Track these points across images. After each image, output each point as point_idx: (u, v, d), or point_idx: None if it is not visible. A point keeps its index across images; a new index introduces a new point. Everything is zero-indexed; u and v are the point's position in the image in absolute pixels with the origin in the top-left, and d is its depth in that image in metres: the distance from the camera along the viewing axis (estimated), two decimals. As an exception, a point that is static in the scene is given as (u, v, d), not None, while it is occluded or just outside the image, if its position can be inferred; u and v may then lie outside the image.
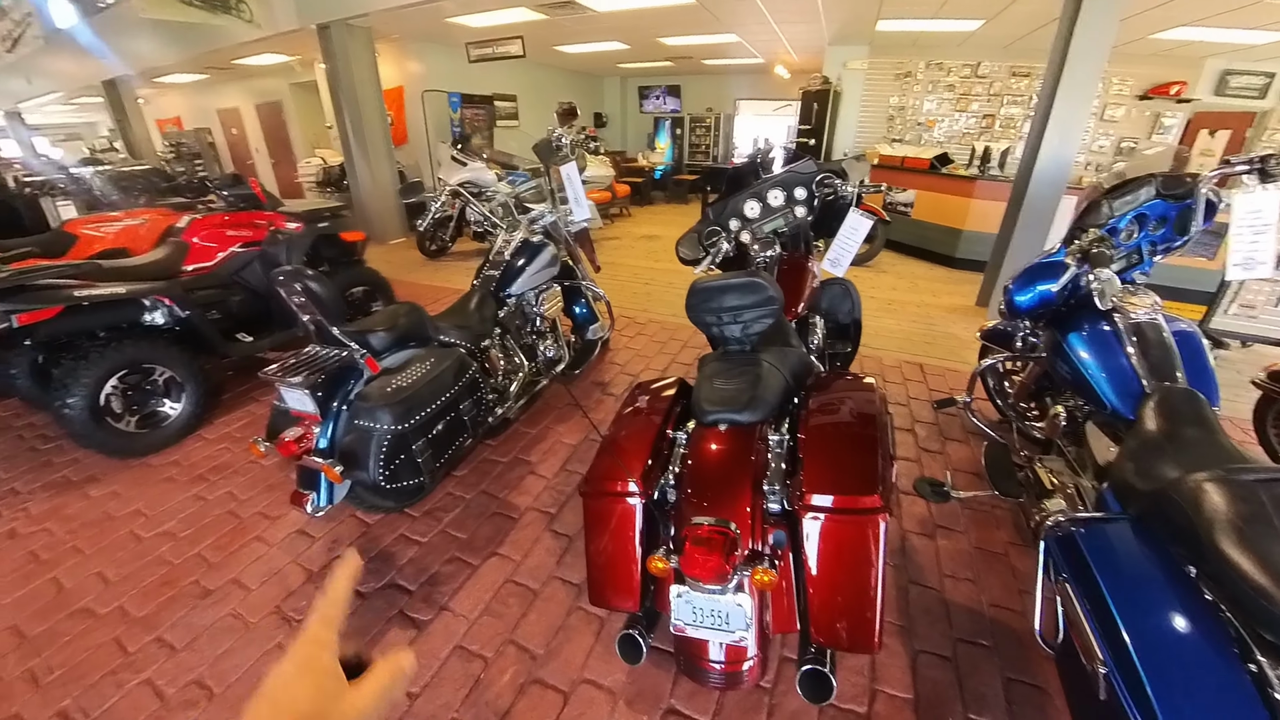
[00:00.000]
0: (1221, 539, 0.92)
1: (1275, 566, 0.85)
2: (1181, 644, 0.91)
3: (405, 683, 0.45)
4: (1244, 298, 4.52)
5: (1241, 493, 0.98)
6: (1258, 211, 1.72)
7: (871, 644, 1.15)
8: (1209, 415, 1.37)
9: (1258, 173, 1.69)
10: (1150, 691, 0.85)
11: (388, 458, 1.75)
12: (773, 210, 2.40)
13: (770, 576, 1.14)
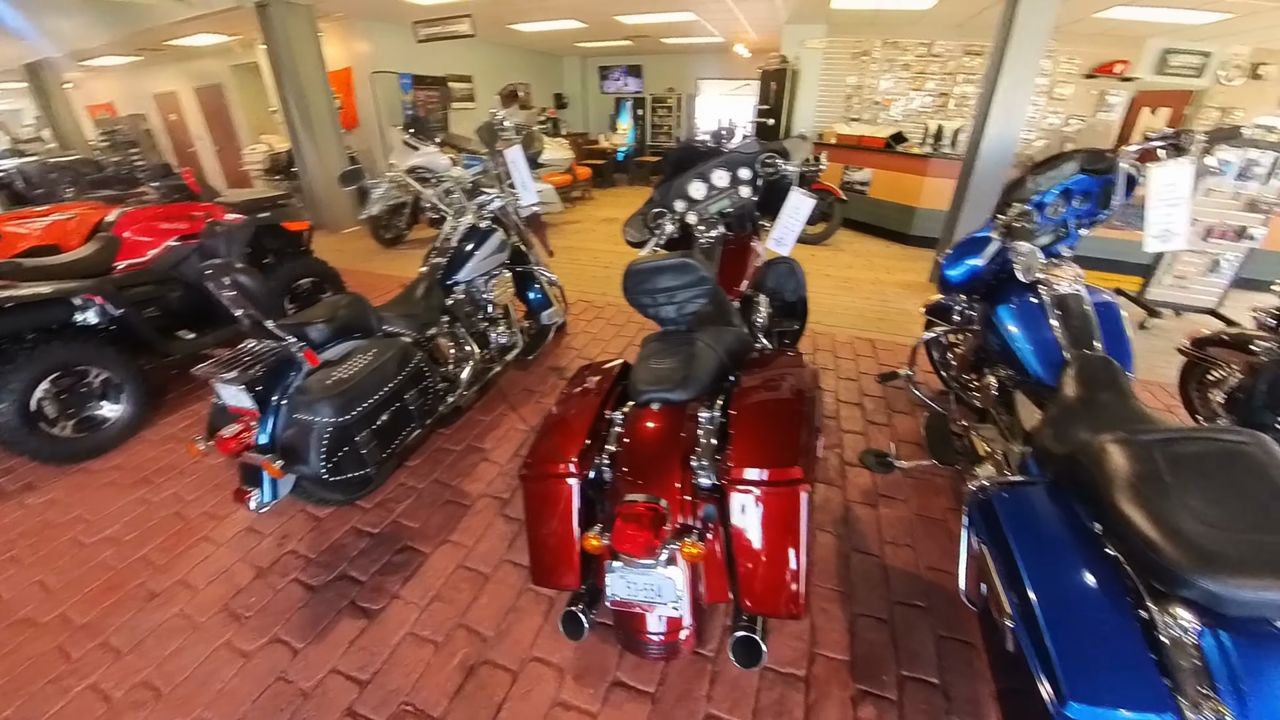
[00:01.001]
0: (1118, 496, 0.99)
1: (1163, 520, 0.91)
2: (1079, 596, 0.97)
3: None
4: (1177, 269, 4.76)
5: (1138, 453, 1.05)
6: (1172, 184, 1.78)
7: (798, 609, 1.21)
8: (1123, 381, 1.45)
9: (1171, 147, 1.77)
10: (1049, 640, 0.91)
11: (330, 450, 1.74)
12: (718, 191, 2.42)
13: (698, 549, 1.19)
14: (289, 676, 1.57)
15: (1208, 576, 0.83)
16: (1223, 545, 0.86)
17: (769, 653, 1.58)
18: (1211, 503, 0.93)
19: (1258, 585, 0.80)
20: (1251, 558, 0.83)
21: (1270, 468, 0.97)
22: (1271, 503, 0.91)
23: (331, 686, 1.54)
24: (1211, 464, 1.00)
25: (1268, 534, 0.86)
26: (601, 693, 1.48)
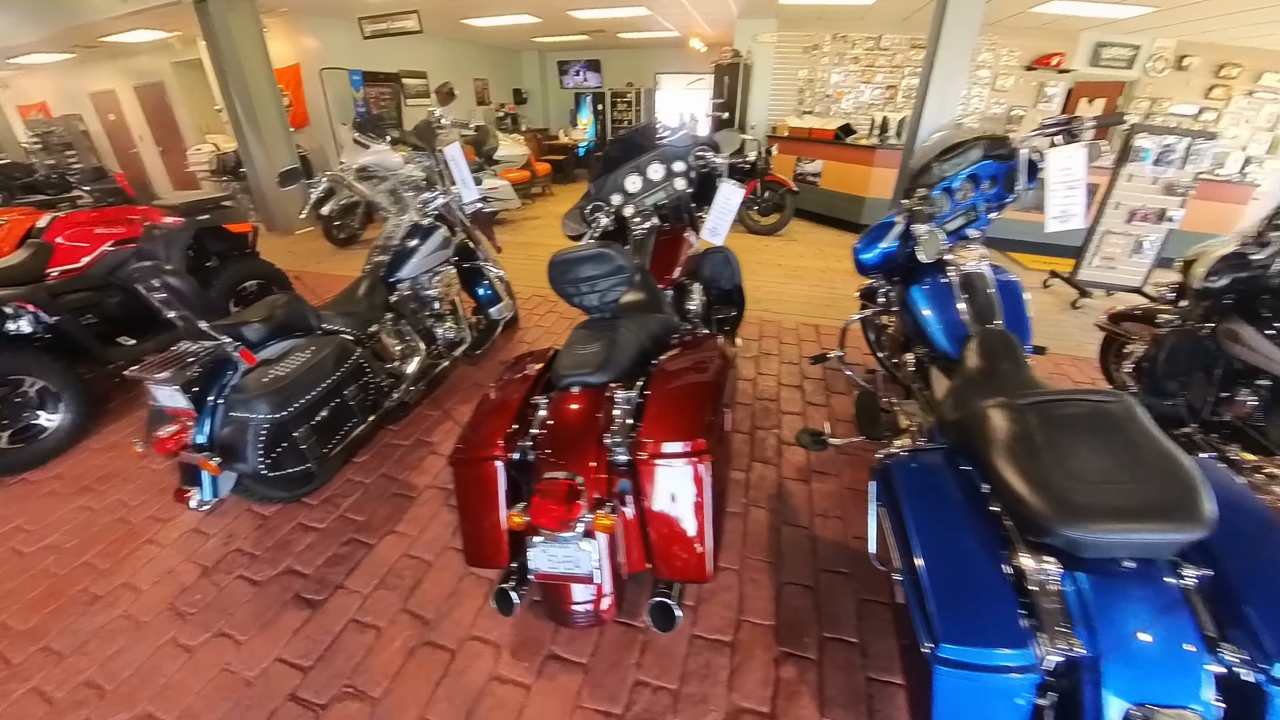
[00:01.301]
0: (995, 455, 1.08)
1: (1030, 476, 0.99)
2: (958, 550, 1.06)
3: None
4: (1105, 251, 5.03)
5: (1015, 415, 1.14)
6: (1067, 168, 1.89)
7: (704, 573, 1.31)
8: (1019, 352, 1.57)
9: (1065, 133, 1.87)
10: (927, 591, 1.00)
11: (267, 447, 1.77)
12: (654, 184, 2.51)
13: (609, 520, 1.27)
14: (233, 667, 1.61)
15: (1066, 525, 0.90)
16: (1079, 496, 0.93)
17: (700, 621, 1.69)
18: (1074, 458, 1.01)
19: (1106, 529, 0.88)
20: (1101, 505, 0.91)
21: (1127, 424, 1.06)
22: (1124, 455, 1.00)
23: (274, 674, 1.59)
24: (1078, 423, 1.09)
25: (1117, 483, 0.95)
26: (536, 665, 1.56)
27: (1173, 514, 0.88)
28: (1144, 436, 1.03)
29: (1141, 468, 0.97)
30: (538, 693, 1.49)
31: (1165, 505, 0.90)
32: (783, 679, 1.53)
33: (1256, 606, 0.89)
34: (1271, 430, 1.98)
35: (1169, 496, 0.91)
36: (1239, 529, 0.99)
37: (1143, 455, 0.99)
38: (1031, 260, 5.80)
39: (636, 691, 1.48)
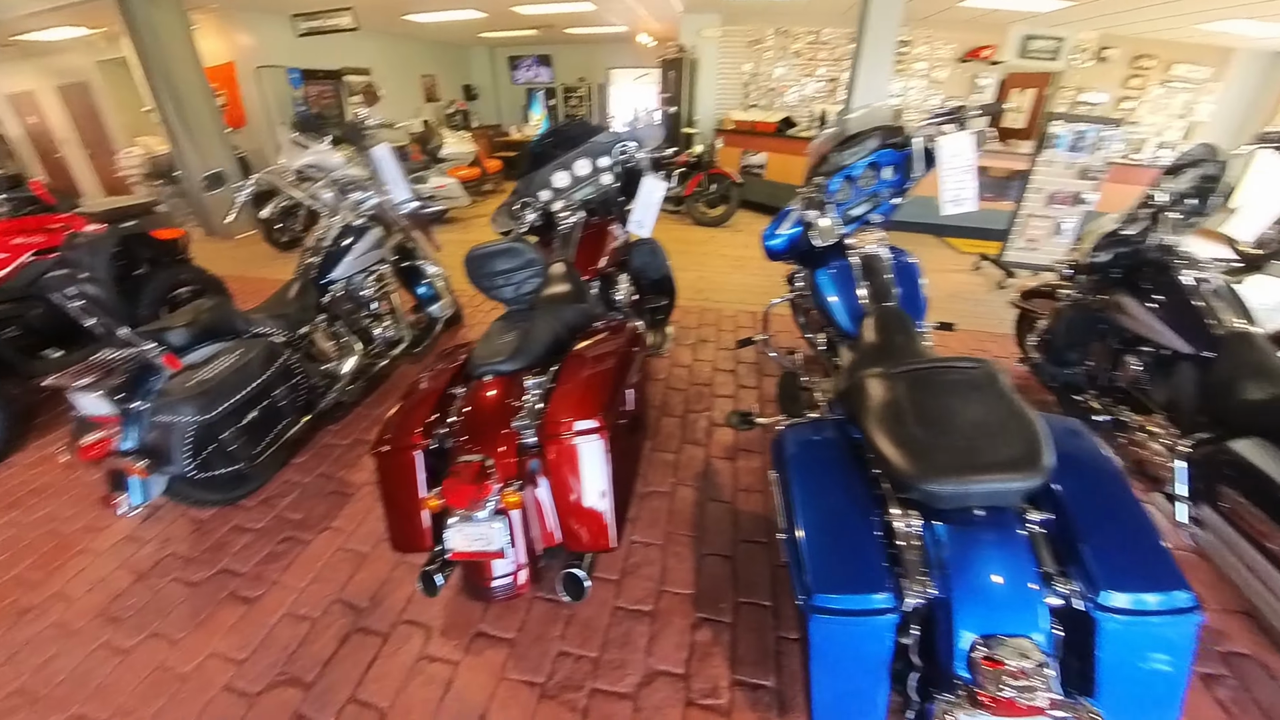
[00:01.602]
0: (869, 420, 1.18)
1: (896, 437, 1.09)
2: (833, 509, 1.17)
3: None
4: (1028, 234, 5.35)
5: (889, 383, 1.25)
6: (957, 154, 2.01)
7: (608, 543, 1.42)
8: (911, 327, 1.71)
9: (955, 121, 2.00)
10: (803, 547, 1.11)
11: (194, 449, 1.81)
12: (581, 180, 2.59)
13: (517, 498, 1.37)
14: (168, 665, 1.65)
15: (923, 479, 1.00)
16: (936, 453, 1.03)
17: (623, 593, 1.80)
18: (936, 420, 1.11)
19: (957, 482, 0.98)
20: (954, 461, 1.01)
21: (986, 388, 1.17)
22: (979, 416, 1.10)
23: (209, 668, 1.63)
24: (942, 388, 1.20)
25: (970, 440, 1.04)
26: (465, 643, 1.65)
27: (1015, 466, 0.98)
28: (999, 399, 1.14)
29: (993, 426, 1.07)
30: (465, 668, 1.58)
31: (1010, 459, 1.00)
32: (698, 642, 1.65)
33: (1089, 544, 1.02)
34: (1155, 392, 2.19)
35: (1014, 451, 1.01)
36: (1081, 477, 1.13)
37: (995, 415, 1.09)
38: (965, 244, 6.10)
39: (559, 661, 1.59)
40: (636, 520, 2.07)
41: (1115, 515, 1.07)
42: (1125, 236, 2.38)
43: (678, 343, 3.50)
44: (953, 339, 3.61)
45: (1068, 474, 1.12)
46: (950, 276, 5.10)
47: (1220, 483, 1.56)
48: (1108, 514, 1.08)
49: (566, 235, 2.42)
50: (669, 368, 3.20)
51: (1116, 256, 2.42)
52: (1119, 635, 0.97)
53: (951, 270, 5.31)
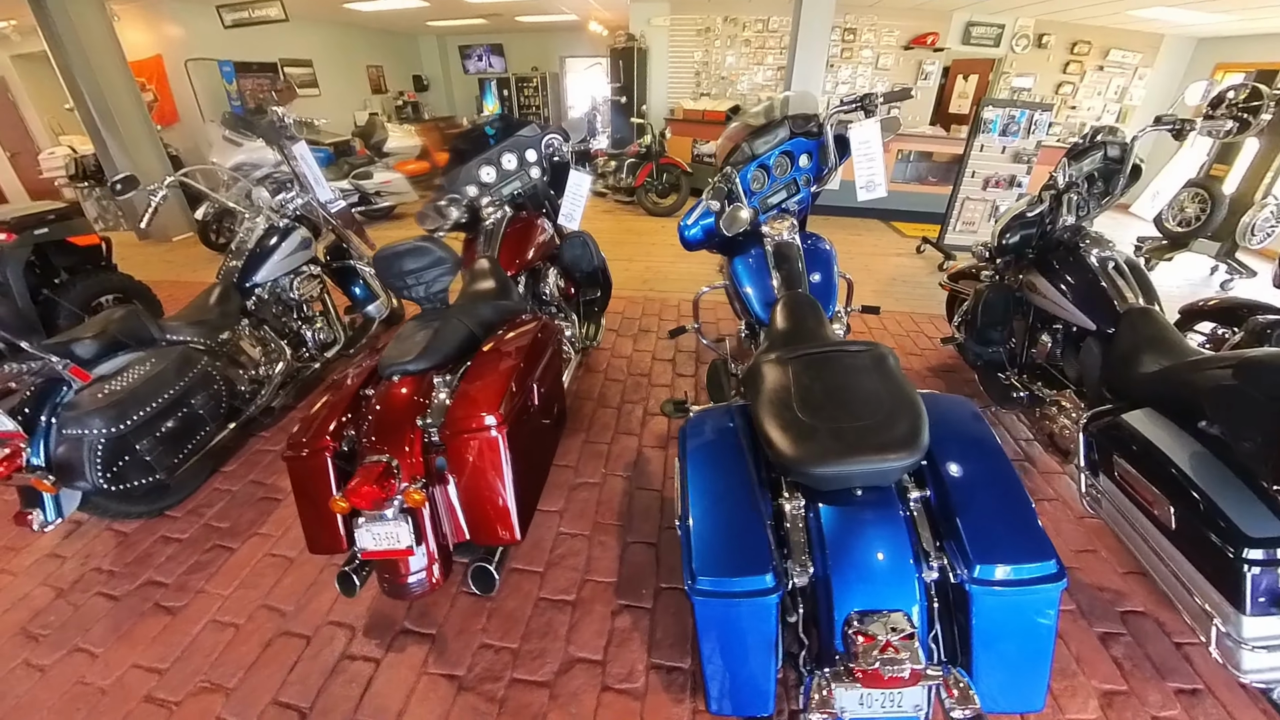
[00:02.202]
0: (759, 404, 1.22)
1: (782, 421, 1.13)
2: (722, 493, 1.20)
3: None
4: (966, 217, 5.53)
5: (781, 367, 1.29)
6: (867, 141, 2.10)
7: (513, 536, 1.46)
8: (819, 313, 1.77)
9: (862, 110, 2.06)
10: (692, 533, 1.14)
11: (105, 462, 1.79)
12: (508, 174, 2.60)
13: (419, 496, 1.40)
14: (87, 679, 1.64)
15: (803, 463, 1.04)
16: (816, 437, 1.06)
17: (546, 584, 1.85)
18: (820, 403, 1.14)
19: (835, 463, 1.02)
20: (832, 444, 1.04)
21: (874, 370, 1.21)
22: (863, 398, 1.14)
23: (130, 680, 1.63)
24: (832, 371, 1.23)
25: (851, 423, 1.08)
26: (388, 641, 1.68)
27: (891, 446, 1.02)
28: (885, 381, 1.18)
29: (875, 408, 1.11)
30: (387, 665, 1.61)
31: (887, 440, 1.04)
32: (617, 629, 1.71)
33: (965, 519, 1.07)
34: (1067, 369, 2.33)
35: (893, 432, 1.05)
36: (964, 454, 1.18)
37: (879, 397, 1.13)
38: (909, 228, 6.28)
39: (480, 654, 1.63)
40: (564, 512, 2.13)
41: (992, 490, 1.14)
42: (1030, 219, 2.51)
43: (620, 333, 3.55)
44: (887, 320, 3.76)
45: (951, 452, 1.18)
46: (893, 260, 5.26)
47: (1115, 453, 1.67)
48: (985, 489, 1.14)
49: (491, 232, 2.43)
50: (609, 359, 3.25)
51: (1023, 238, 2.55)
52: (990, 606, 1.03)
53: (895, 254, 5.48)
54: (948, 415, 1.29)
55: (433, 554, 1.49)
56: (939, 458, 1.17)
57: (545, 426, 1.75)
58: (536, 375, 1.65)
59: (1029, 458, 2.47)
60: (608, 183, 6.82)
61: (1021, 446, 2.54)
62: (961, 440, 1.23)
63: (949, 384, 3.05)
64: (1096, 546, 2.00)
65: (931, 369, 3.21)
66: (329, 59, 7.75)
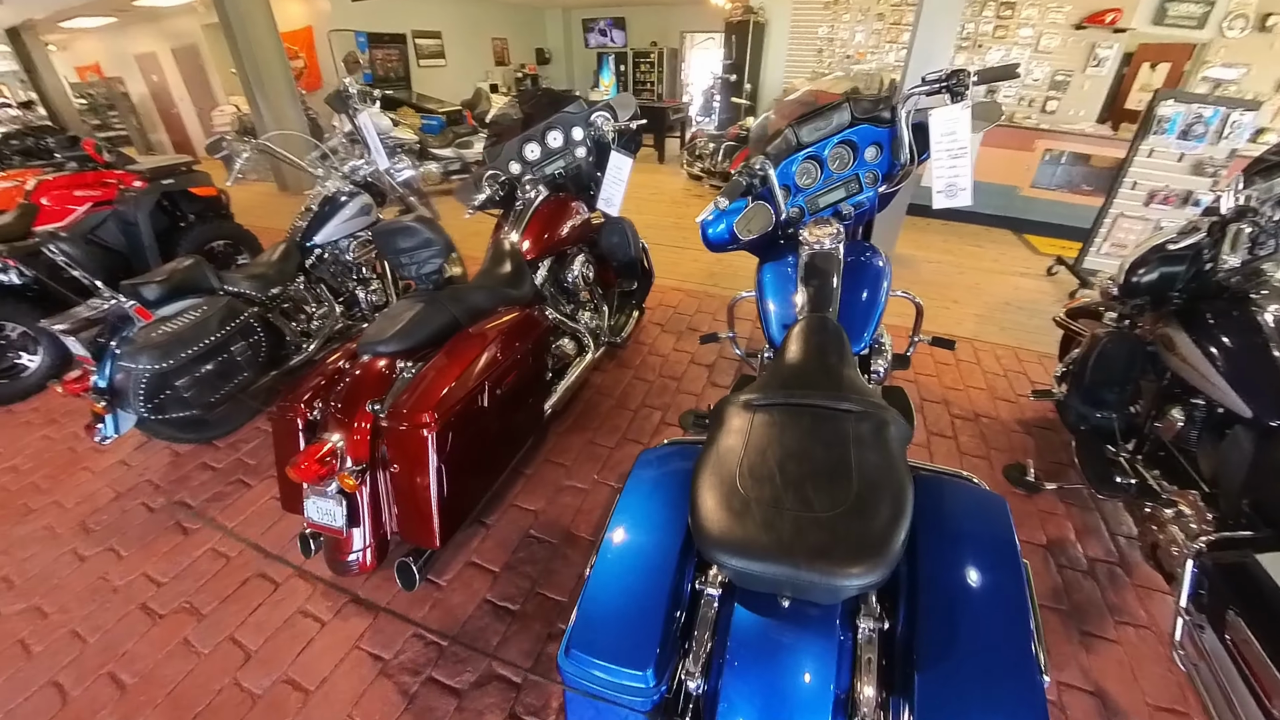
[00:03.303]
0: (703, 456, 0.94)
1: (714, 486, 0.86)
2: (637, 551, 0.98)
3: None
4: (1116, 236, 4.61)
5: (743, 413, 1.02)
6: (951, 133, 1.65)
7: (432, 540, 1.42)
8: (841, 345, 1.37)
9: (947, 92, 1.58)
10: (586, 588, 0.94)
11: (148, 394, 2.02)
12: (553, 152, 2.52)
13: (352, 481, 1.41)
14: (108, 576, 1.90)
15: (718, 548, 0.79)
16: (746, 518, 0.81)
17: (496, 587, 1.79)
18: (770, 474, 0.88)
19: (754, 561, 0.76)
20: (758, 534, 0.78)
21: (863, 444, 0.91)
22: (828, 478, 0.85)
23: (136, 585, 1.86)
24: (802, 432, 0.95)
25: (803, 510, 0.81)
26: (338, 607, 1.74)
27: (836, 556, 0.74)
28: (872, 460, 0.88)
29: (839, 496, 0.82)
30: (328, 630, 1.68)
31: (833, 545, 0.75)
32: (547, 654, 1.61)
33: (931, 673, 0.79)
34: (1201, 460, 1.74)
35: (846, 536, 0.77)
36: (960, 582, 0.89)
37: (851, 482, 0.84)
38: (1045, 244, 5.38)
39: (410, 642, 1.63)
40: (542, 514, 2.06)
41: (986, 637, 0.83)
42: (1178, 252, 1.95)
43: (665, 329, 3.40)
44: (982, 353, 3.20)
45: (945, 569, 0.90)
46: (1014, 280, 4.50)
47: (1234, 603, 1.22)
48: (975, 635, 0.83)
49: (520, 211, 2.38)
50: (645, 355, 3.12)
51: (1165, 278, 1.98)
52: None
53: (1019, 273, 4.69)
54: (957, 515, 0.98)
55: (369, 539, 1.50)
56: (926, 574, 0.89)
57: (504, 428, 1.69)
58: (495, 374, 1.58)
59: (1123, 560, 1.93)
60: (704, 165, 6.54)
61: (1118, 545, 1.99)
62: (966, 556, 0.92)
63: (1035, 448, 2.46)
64: (1188, 709, 1.52)
65: (1017, 425, 2.62)
66: (457, 31, 8.17)
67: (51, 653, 1.66)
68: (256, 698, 1.51)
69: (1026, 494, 2.17)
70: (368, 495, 1.48)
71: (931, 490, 1.01)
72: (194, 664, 1.61)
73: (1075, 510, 2.11)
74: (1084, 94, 6.63)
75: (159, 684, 1.56)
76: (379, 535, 1.52)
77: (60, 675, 1.60)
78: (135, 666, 1.61)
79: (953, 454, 2.38)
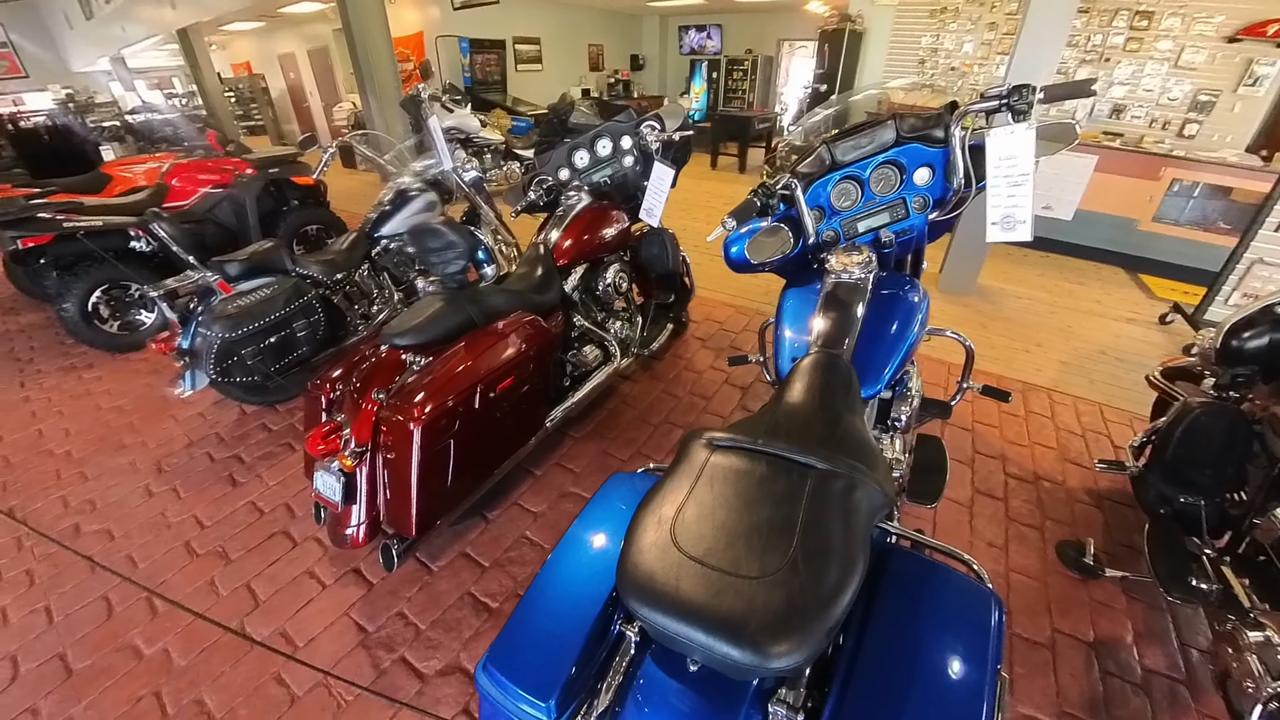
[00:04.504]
0: (652, 493, 0.89)
1: (646, 528, 0.81)
2: (574, 578, 0.96)
3: None
4: (1249, 285, 3.98)
5: (704, 451, 0.94)
6: (1010, 158, 1.45)
7: (409, 530, 1.49)
8: (850, 389, 1.24)
9: (1008, 110, 1.39)
10: (520, 602, 0.94)
11: (217, 359, 2.28)
12: (601, 160, 2.58)
13: (349, 463, 1.51)
14: (166, 512, 2.17)
15: (633, 597, 0.73)
16: (660, 566, 0.76)
17: (482, 581, 1.84)
18: (703, 521, 0.81)
19: (658, 613, 0.70)
20: (667, 585, 0.72)
21: (824, 505, 0.81)
22: (764, 537, 0.77)
23: (184, 525, 2.11)
24: (753, 482, 0.86)
25: (715, 564, 0.75)
26: (340, 573, 1.88)
27: (741, 630, 0.67)
28: (824, 524, 0.79)
29: (772, 560, 0.74)
30: (327, 594, 1.81)
31: (742, 617, 0.68)
32: None
33: None
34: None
35: (765, 609, 0.69)
36: (902, 685, 0.79)
37: (789, 546, 0.76)
38: (1163, 286, 4.74)
39: (393, 620, 1.72)
40: (541, 517, 2.09)
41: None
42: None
43: (705, 345, 3.35)
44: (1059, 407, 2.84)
45: (896, 663, 0.81)
46: (1118, 326, 3.97)
47: None
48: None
49: (560, 218, 2.44)
50: (680, 370, 3.09)
51: (1275, 345, 1.68)
52: None
53: (1125, 318, 4.13)
54: (932, 604, 0.87)
55: (364, 517, 1.60)
56: (871, 663, 0.81)
57: (499, 430, 1.73)
58: (493, 376, 1.64)
59: (1190, 679, 1.62)
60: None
61: (1188, 659, 1.68)
62: (928, 654, 0.82)
63: (1103, 525, 2.13)
64: None
65: (1085, 495, 2.27)
66: (555, 37, 8.52)
67: (108, 573, 1.92)
68: (253, 644, 1.67)
69: (1081, 578, 1.89)
70: (365, 476, 1.59)
71: (910, 569, 0.91)
72: (213, 603, 1.80)
73: (1140, 607, 1.81)
74: (1233, 117, 5.74)
75: (181, 617, 1.76)
76: (372, 515, 1.62)
77: (111, 593, 1.85)
78: (169, 594, 1.83)
79: (998, 519, 2.11)
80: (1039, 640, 1.69)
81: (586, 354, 2.40)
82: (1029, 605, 1.80)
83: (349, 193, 6.70)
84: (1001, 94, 1.38)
